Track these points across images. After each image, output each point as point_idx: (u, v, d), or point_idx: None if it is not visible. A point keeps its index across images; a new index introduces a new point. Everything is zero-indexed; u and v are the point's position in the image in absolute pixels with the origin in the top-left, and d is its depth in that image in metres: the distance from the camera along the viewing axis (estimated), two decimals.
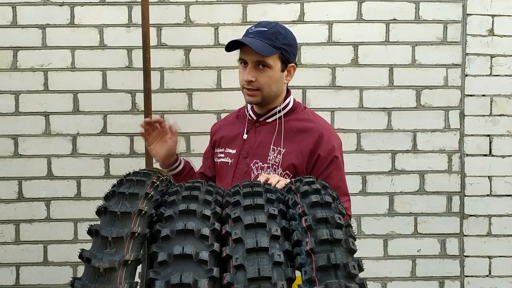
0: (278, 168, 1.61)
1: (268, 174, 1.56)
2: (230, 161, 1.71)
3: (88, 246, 0.96)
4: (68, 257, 2.62)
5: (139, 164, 2.54)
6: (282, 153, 1.63)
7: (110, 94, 2.62)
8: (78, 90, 2.61)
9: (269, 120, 1.70)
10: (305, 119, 1.69)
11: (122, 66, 2.61)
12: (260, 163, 1.64)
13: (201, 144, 2.46)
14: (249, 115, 1.74)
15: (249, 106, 1.76)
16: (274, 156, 1.63)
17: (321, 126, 1.67)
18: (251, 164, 1.65)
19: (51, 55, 2.59)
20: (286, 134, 1.65)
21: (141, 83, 2.38)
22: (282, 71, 1.64)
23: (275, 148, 1.64)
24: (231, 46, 1.61)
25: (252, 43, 1.56)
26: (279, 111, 1.68)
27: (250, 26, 1.67)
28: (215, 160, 1.78)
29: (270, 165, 1.63)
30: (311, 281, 0.86)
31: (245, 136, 1.71)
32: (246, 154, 1.68)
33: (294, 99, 1.74)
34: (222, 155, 1.74)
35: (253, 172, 1.64)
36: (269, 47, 1.58)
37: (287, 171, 1.61)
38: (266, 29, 1.60)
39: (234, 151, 1.71)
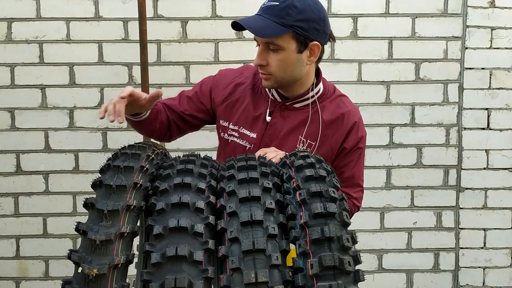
0: None
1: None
2: (248, 145, 1.53)
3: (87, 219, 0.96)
4: (68, 230, 2.64)
5: (137, 137, 2.53)
6: (311, 147, 1.50)
7: (106, 67, 2.59)
8: (74, 63, 2.58)
9: (297, 106, 1.52)
10: (336, 108, 1.54)
11: (118, 38, 2.57)
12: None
13: None
14: (272, 95, 1.53)
15: None
16: (302, 149, 1.46)
17: (352, 117, 1.53)
18: None
19: (46, 27, 2.55)
20: (318, 126, 1.50)
21: (137, 56, 2.35)
22: (300, 51, 1.41)
23: (305, 140, 1.50)
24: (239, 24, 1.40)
25: (252, 24, 1.37)
26: (312, 97, 1.51)
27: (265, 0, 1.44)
28: (222, 135, 1.59)
29: None
30: (305, 254, 0.87)
31: (268, 118, 1.51)
32: (269, 140, 1.51)
33: (323, 81, 1.57)
34: (236, 135, 1.55)
35: None
36: (275, 26, 1.35)
37: None
38: (277, 3, 1.37)
39: (254, 135, 1.52)
